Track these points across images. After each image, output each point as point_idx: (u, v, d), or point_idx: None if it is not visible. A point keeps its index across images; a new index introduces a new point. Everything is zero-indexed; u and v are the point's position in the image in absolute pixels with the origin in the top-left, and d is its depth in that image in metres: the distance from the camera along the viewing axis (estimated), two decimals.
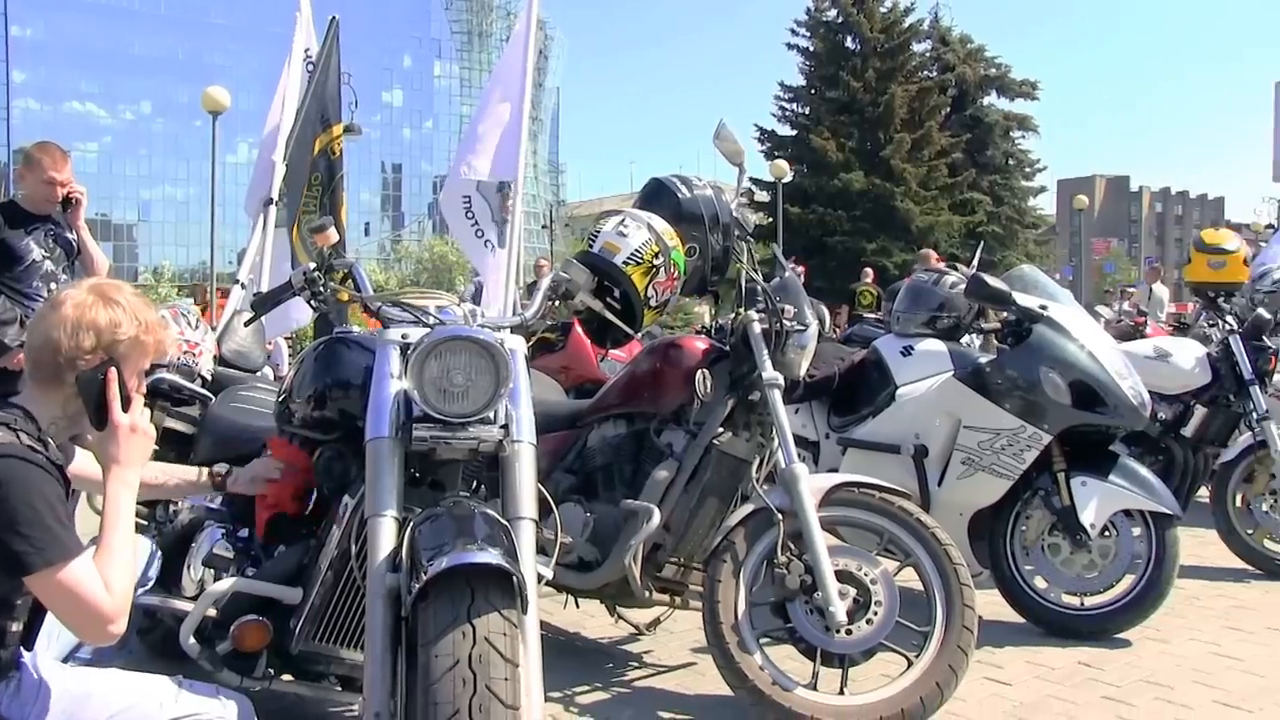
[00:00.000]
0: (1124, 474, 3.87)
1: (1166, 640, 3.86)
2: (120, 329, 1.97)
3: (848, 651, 2.90)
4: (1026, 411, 3.77)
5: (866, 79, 34.95)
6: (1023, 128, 40.13)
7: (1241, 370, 5.00)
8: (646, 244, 2.98)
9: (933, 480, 3.92)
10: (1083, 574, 3.91)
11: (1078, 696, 3.29)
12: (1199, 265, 5.67)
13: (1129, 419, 3.86)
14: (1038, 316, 3.88)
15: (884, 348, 4.27)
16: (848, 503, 3.04)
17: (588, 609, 3.89)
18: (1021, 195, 40.07)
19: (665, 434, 3.24)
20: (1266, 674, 3.52)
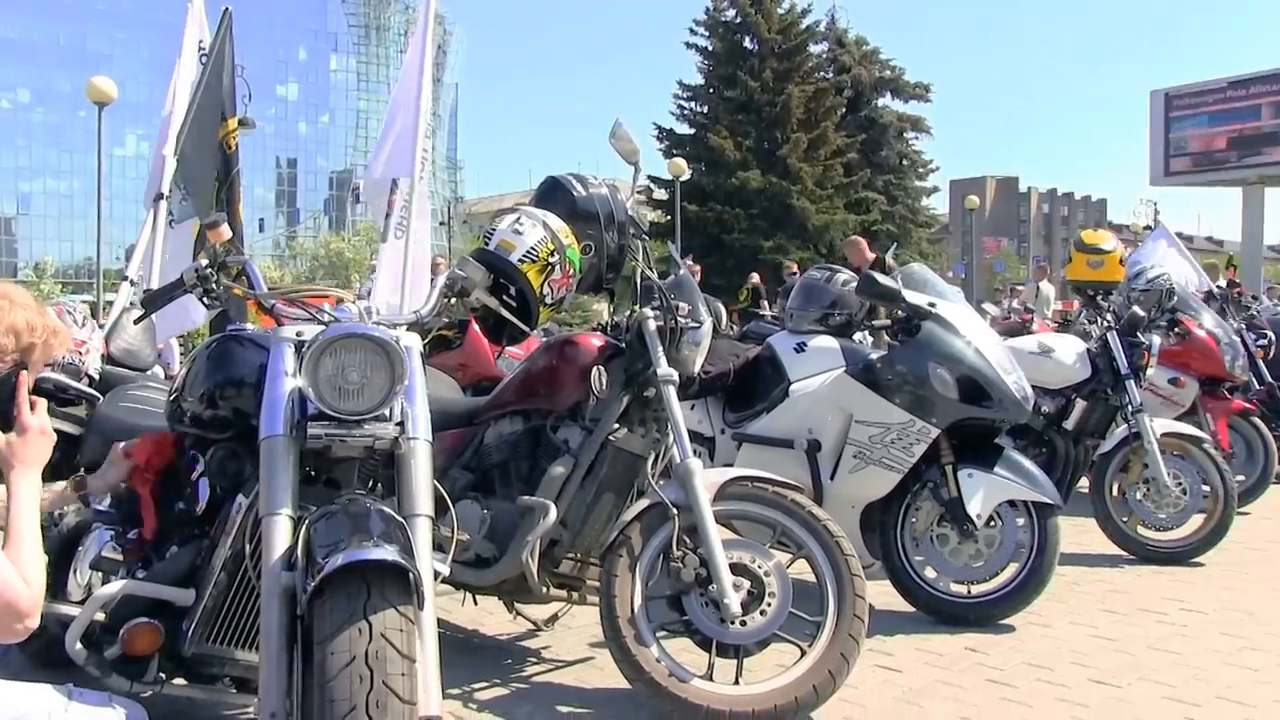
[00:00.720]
0: (1008, 466, 3.99)
1: (1048, 624, 4.00)
2: (35, 331, 1.95)
3: (743, 642, 2.95)
4: (915, 406, 3.88)
5: (764, 79, 35.30)
6: (916, 129, 40.95)
7: (1118, 365, 5.20)
8: (542, 242, 3.00)
9: (825, 474, 3.99)
10: (970, 563, 4.02)
11: (964, 680, 3.39)
12: (1079, 264, 5.88)
13: (1013, 413, 3.99)
14: (926, 314, 3.99)
15: (778, 344, 4.33)
16: (742, 497, 3.09)
17: (486, 606, 3.89)
18: (915, 195, 40.88)
19: (561, 430, 3.26)
20: (1136, 653, 3.69)
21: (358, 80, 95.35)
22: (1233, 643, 3.80)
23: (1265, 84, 30.19)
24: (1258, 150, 30.24)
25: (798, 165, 34.08)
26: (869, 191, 37.01)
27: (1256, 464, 6.36)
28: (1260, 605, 4.30)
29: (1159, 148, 31.91)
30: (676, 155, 31.53)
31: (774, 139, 34.81)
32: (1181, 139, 31.71)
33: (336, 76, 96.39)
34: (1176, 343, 6.25)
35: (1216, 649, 3.73)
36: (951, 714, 3.11)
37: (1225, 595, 4.46)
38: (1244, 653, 3.69)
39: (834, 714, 3.02)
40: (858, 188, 36.38)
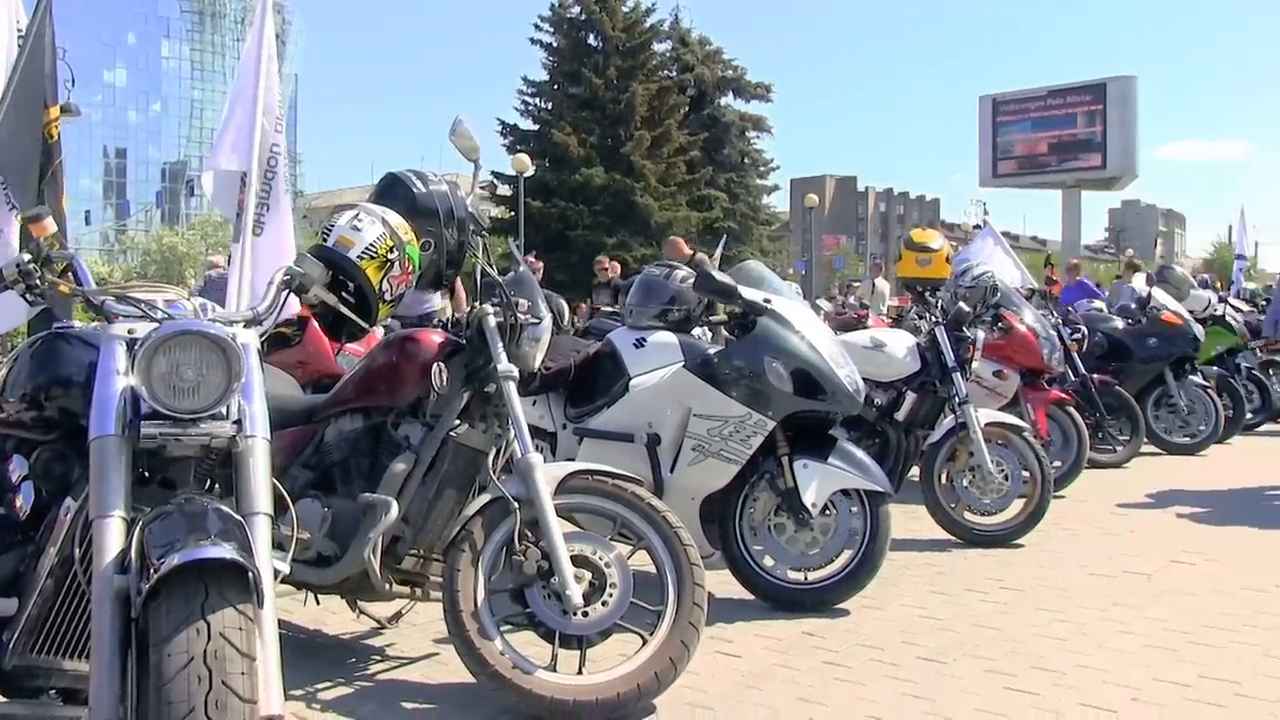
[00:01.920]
0: (842, 456, 4.13)
1: (880, 607, 4.17)
2: None
3: (585, 633, 3.00)
4: (752, 399, 3.98)
5: (608, 76, 35.47)
6: (757, 128, 41.73)
7: (945, 358, 5.44)
8: (381, 239, 3.00)
9: (665, 467, 4.07)
10: (806, 551, 4.15)
11: (801, 663, 3.51)
12: (908, 262, 6.13)
13: (846, 405, 4.13)
14: (762, 310, 4.10)
15: (618, 340, 4.39)
16: (583, 490, 3.14)
17: (329, 605, 3.85)
18: (756, 193, 41.66)
19: (402, 427, 3.25)
20: (961, 630, 3.88)
21: (191, 68, 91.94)
22: (1046, 616, 4.04)
23: (1080, 94, 31.79)
24: (1075, 155, 31.84)
25: (641, 162, 34.36)
26: (711, 189, 37.57)
27: (1071, 450, 6.73)
28: (1070, 582, 4.57)
29: (987, 151, 33.30)
30: (520, 151, 31.44)
31: (618, 136, 35.02)
32: (1008, 143, 33.16)
33: (169, 64, 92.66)
34: (999, 337, 6.57)
35: (1032, 623, 3.96)
36: (789, 695, 3.22)
37: (1041, 573, 4.72)
38: (1055, 625, 3.94)
39: (676, 700, 3.09)
40: (700, 185, 36.89)
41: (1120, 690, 3.24)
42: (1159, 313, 9.00)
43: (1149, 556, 5.05)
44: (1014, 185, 35.23)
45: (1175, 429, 8.89)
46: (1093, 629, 3.88)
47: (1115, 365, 8.70)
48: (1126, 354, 8.87)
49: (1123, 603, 4.24)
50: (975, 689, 3.26)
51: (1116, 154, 31.06)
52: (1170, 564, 4.90)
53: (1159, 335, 8.89)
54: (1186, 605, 4.21)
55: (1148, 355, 8.87)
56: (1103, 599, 4.29)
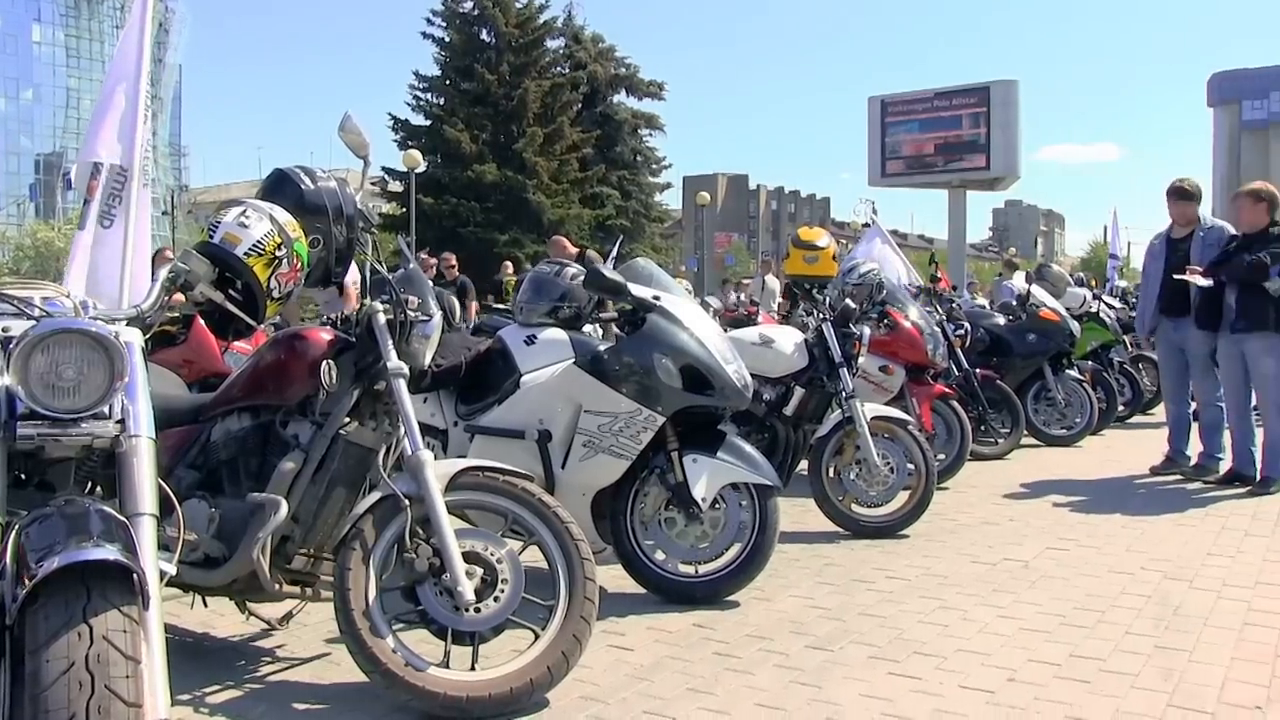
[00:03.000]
0: (731, 451, 4.19)
1: (770, 598, 4.25)
2: None
3: (477, 629, 3.00)
4: (642, 395, 4.02)
5: (501, 73, 35.34)
6: (650, 126, 41.96)
7: (833, 354, 5.55)
8: (269, 235, 2.96)
9: (556, 463, 4.09)
10: (696, 544, 4.21)
11: (692, 655, 3.56)
12: (796, 260, 6.25)
13: (734, 400, 4.20)
14: (651, 306, 4.14)
15: (508, 337, 4.40)
16: (473, 487, 3.15)
17: (217, 607, 3.80)
18: (648, 191, 41.90)
19: (291, 426, 3.22)
20: (848, 619, 3.98)
21: (67, 55, 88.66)
22: (929, 604, 4.17)
23: (965, 96, 32.55)
24: (960, 156, 32.56)
25: (534, 159, 34.31)
26: (604, 187, 37.69)
27: (954, 443, 6.92)
28: (952, 570, 4.72)
29: (876, 151, 33.86)
30: (412, 147, 31.21)
31: (510, 133, 34.91)
32: (896, 143, 33.75)
33: (41, 50, 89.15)
34: (885, 333, 6.72)
35: (916, 611, 4.08)
36: (679, 686, 3.27)
37: (924, 563, 4.86)
38: (937, 612, 4.06)
39: (568, 693, 3.13)
40: (593, 183, 36.98)
41: (998, 672, 3.37)
42: (1037, 310, 9.30)
43: (1027, 544, 5.23)
44: (902, 185, 35.87)
45: (1053, 421, 9.20)
46: (973, 615, 4.02)
47: (997, 360, 8.97)
48: (1007, 349, 9.15)
49: (1002, 589, 4.39)
50: (861, 675, 3.36)
51: (999, 155, 31.83)
52: (1046, 550, 5.09)
53: (1038, 331, 9.18)
54: (1060, 589, 4.38)
55: (1027, 351, 9.15)
56: (983, 586, 4.44)
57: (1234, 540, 5.34)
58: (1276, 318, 6.63)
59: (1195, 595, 4.30)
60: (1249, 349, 6.76)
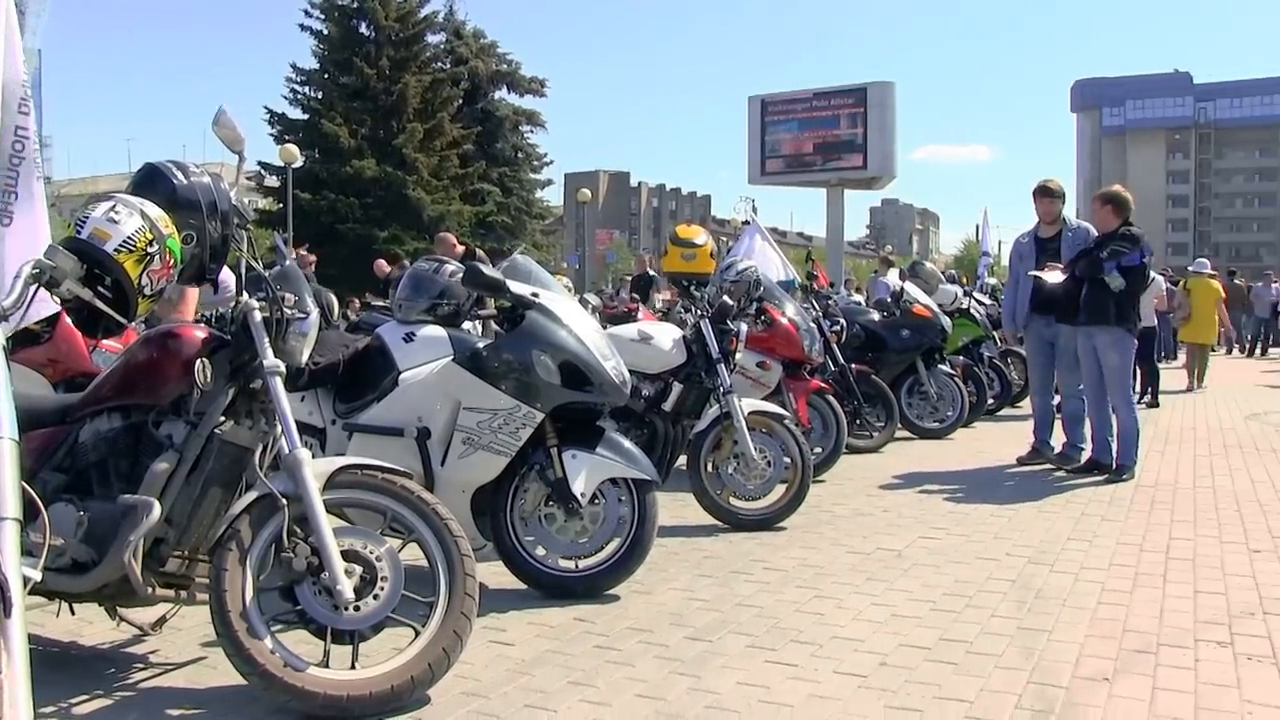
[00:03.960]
0: (609, 446, 4.24)
1: (649, 591, 4.31)
2: None
3: (357, 627, 2.99)
4: (521, 392, 4.04)
5: (380, 67, 34.85)
6: (531, 123, 41.80)
7: (710, 350, 5.64)
8: (140, 231, 2.90)
9: (435, 460, 4.08)
10: (576, 539, 4.24)
11: (573, 648, 3.60)
12: (674, 257, 6.32)
13: (612, 396, 4.24)
14: (530, 303, 4.16)
15: (387, 335, 4.37)
16: (352, 485, 3.13)
17: (85, 615, 3.70)
18: (530, 187, 41.77)
19: (164, 425, 3.16)
20: (726, 610, 4.06)
21: None
22: (806, 593, 4.28)
23: (844, 97, 33.17)
24: (838, 156, 33.16)
25: (413, 155, 33.94)
26: (484, 183, 37.47)
27: (830, 437, 7.08)
28: (828, 561, 4.84)
29: (756, 149, 34.27)
30: (289, 141, 30.55)
31: (390, 128, 34.45)
32: (776, 142, 34.20)
33: None
34: (762, 330, 6.86)
35: (793, 600, 4.18)
36: (561, 679, 3.30)
37: (801, 554, 4.97)
38: (813, 601, 4.18)
39: (450, 689, 3.14)
40: (473, 179, 36.74)
41: (870, 656, 3.49)
42: (911, 306, 9.56)
43: (900, 534, 5.39)
44: (781, 183, 36.40)
45: (926, 415, 9.48)
46: (848, 603, 4.14)
47: (872, 356, 9.20)
48: (882, 345, 9.39)
49: (875, 577, 4.53)
50: (739, 664, 3.44)
51: (876, 155, 32.48)
52: (918, 539, 5.25)
53: (911, 327, 9.43)
54: (931, 576, 4.53)
55: (901, 346, 9.40)
56: (857, 575, 4.57)
57: (1091, 525, 5.59)
58: (1117, 312, 7.03)
59: (1055, 578, 4.50)
60: (1099, 343, 7.12)
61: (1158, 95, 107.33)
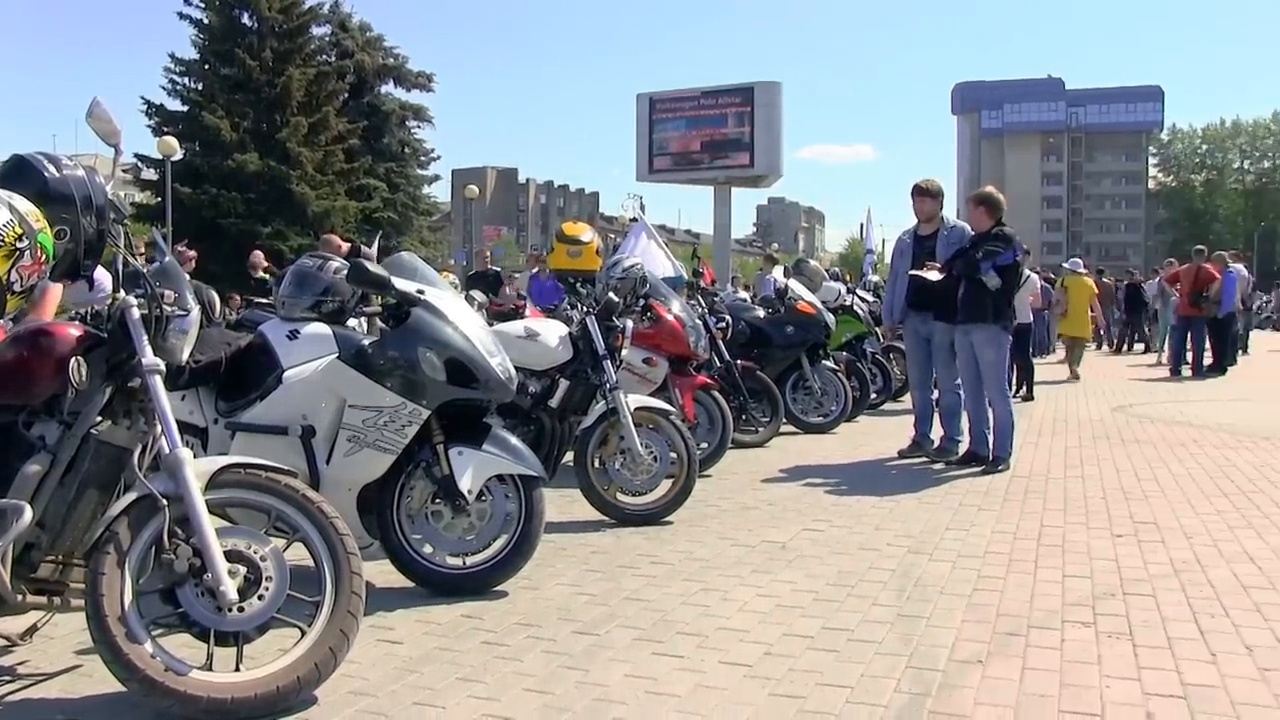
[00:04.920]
0: (496, 443, 4.24)
1: (537, 587, 4.33)
2: None
3: (241, 629, 2.95)
4: (407, 389, 4.02)
5: (263, 58, 34.13)
6: (418, 118, 41.42)
7: (597, 347, 5.67)
8: (8, 225, 2.82)
9: (321, 458, 4.03)
10: (463, 536, 4.24)
11: (461, 645, 3.61)
12: (560, 254, 6.35)
13: (499, 393, 4.25)
14: (415, 300, 4.14)
15: (270, 332, 4.29)
16: (234, 484, 3.09)
17: None
18: (416, 183, 41.38)
19: (36, 426, 3.06)
20: (614, 604, 4.11)
21: None
22: (692, 586, 4.34)
23: (731, 96, 33.45)
24: (725, 154, 33.44)
25: (298, 150, 33.31)
26: (371, 179, 37.00)
27: (716, 432, 7.17)
28: (714, 553, 4.91)
29: (644, 147, 34.37)
30: (167, 133, 29.75)
31: (273, 121, 33.78)
32: (663, 140, 34.33)
33: None
34: (649, 326, 6.92)
35: (679, 593, 4.24)
36: (449, 676, 3.30)
37: (687, 547, 5.04)
38: (699, 593, 4.24)
39: (337, 689, 3.12)
40: (359, 174, 36.24)
41: (755, 646, 3.56)
42: (795, 303, 9.72)
43: (784, 526, 5.50)
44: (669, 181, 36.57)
45: (810, 410, 9.65)
46: (733, 595, 4.21)
47: (757, 352, 9.32)
48: (767, 341, 9.53)
49: (760, 569, 4.62)
50: (627, 656, 3.48)
51: (763, 153, 32.78)
52: (802, 531, 5.36)
53: (795, 324, 9.60)
54: (815, 567, 4.64)
55: (786, 342, 9.56)
56: (743, 567, 4.65)
57: (969, 515, 5.77)
58: (994, 310, 7.30)
59: (934, 566, 4.64)
60: (975, 339, 7.37)
61: (1033, 100, 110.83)
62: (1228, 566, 4.61)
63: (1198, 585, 4.32)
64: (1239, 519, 5.62)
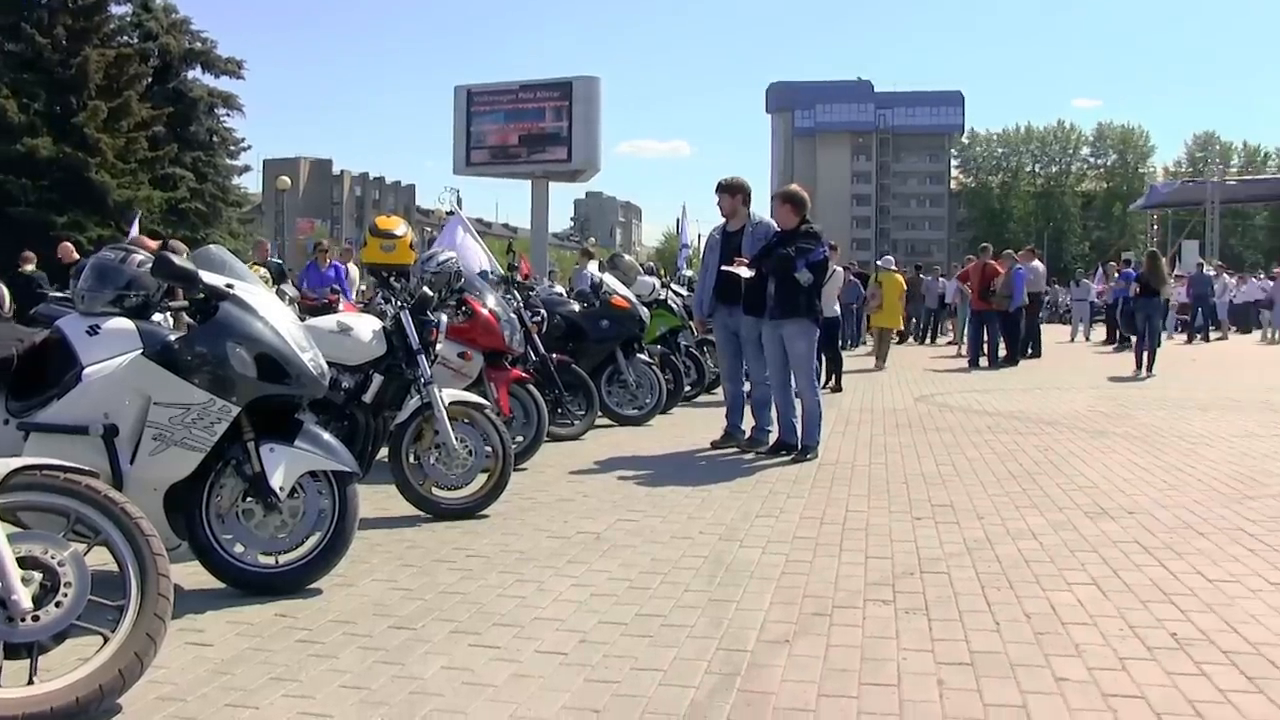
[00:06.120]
0: (309, 439, 4.19)
1: (353, 583, 4.30)
2: None
3: (36, 638, 2.83)
4: (215, 386, 3.93)
5: (56, 36, 32.33)
6: (228, 106, 40.01)
7: (411, 341, 5.64)
8: None
9: (124, 458, 3.90)
10: (275, 534, 4.17)
11: (275, 645, 3.56)
12: (373, 248, 6.29)
13: (311, 388, 4.19)
14: (224, 295, 4.04)
15: (68, 327, 4.11)
16: (28, 486, 2.97)
17: None
18: (225, 173, 40.02)
19: None
20: (430, 598, 4.13)
21: None
22: (508, 578, 4.39)
23: (549, 91, 33.52)
24: (543, 148, 33.49)
25: (96, 135, 31.68)
26: (177, 168, 35.56)
27: (531, 426, 7.23)
28: (530, 546, 4.97)
29: (461, 139, 34.12)
30: None
31: (69, 104, 32.05)
32: (481, 133, 34.15)
33: None
34: (463, 320, 6.91)
35: (496, 585, 4.28)
36: (262, 676, 3.26)
37: (503, 540, 5.09)
38: (515, 585, 4.30)
39: (145, 695, 3.04)
40: (164, 163, 34.77)
41: (571, 635, 3.64)
42: (610, 297, 9.85)
43: (600, 517, 5.60)
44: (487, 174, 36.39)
45: (625, 402, 9.80)
46: (549, 585, 4.28)
47: (572, 345, 9.43)
48: (582, 335, 9.64)
49: (576, 560, 4.70)
50: (443, 649, 3.51)
51: (581, 148, 32.94)
52: (617, 522, 5.47)
53: (610, 318, 9.73)
54: (629, 556, 4.74)
55: (601, 336, 9.68)
56: (558, 558, 4.72)
57: (778, 502, 6.00)
58: (807, 304, 7.59)
59: (744, 552, 4.81)
60: (786, 332, 7.64)
61: (844, 101, 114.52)
62: (1014, 543, 4.94)
63: (987, 561, 4.61)
64: (1025, 499, 6.00)
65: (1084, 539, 5.02)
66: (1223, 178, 64.52)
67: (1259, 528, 5.24)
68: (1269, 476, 6.74)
